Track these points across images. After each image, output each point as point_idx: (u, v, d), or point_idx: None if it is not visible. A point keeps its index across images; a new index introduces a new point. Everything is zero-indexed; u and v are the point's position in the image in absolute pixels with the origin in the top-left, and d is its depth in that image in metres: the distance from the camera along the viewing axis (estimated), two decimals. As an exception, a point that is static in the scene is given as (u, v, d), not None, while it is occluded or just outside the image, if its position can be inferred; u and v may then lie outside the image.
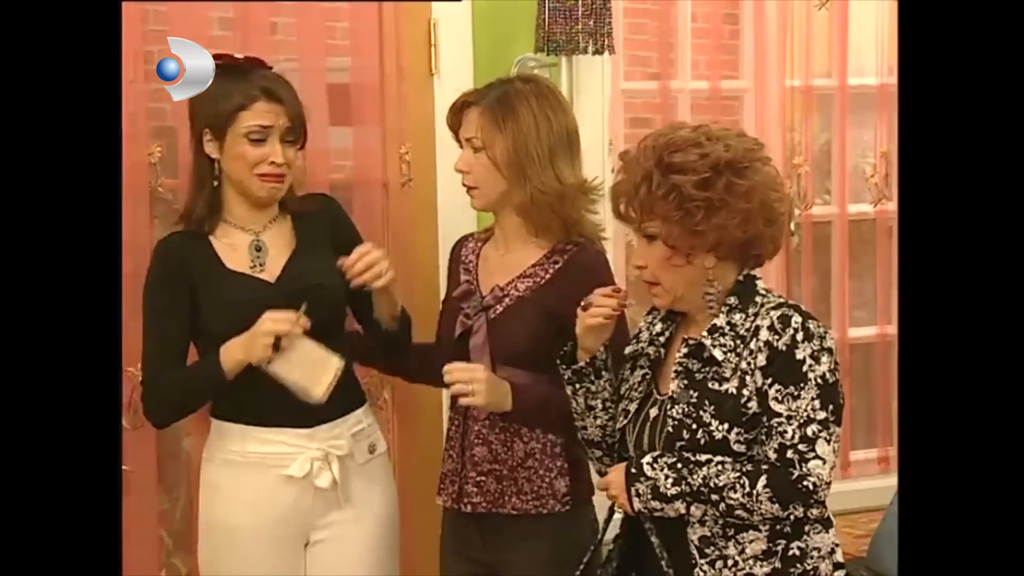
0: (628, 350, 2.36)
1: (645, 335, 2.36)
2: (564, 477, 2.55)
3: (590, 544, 2.55)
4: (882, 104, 3.82)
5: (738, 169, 2.18)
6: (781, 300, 2.24)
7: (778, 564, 2.18)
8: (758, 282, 2.26)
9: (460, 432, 2.60)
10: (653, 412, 2.27)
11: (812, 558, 2.19)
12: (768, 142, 3.62)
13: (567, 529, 2.56)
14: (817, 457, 2.12)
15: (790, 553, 2.18)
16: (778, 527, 2.17)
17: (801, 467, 2.11)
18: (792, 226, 3.71)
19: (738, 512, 2.14)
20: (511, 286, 2.59)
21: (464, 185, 2.61)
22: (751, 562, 2.18)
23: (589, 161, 3.33)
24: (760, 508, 2.13)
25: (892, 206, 3.87)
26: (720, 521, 2.18)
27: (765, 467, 2.13)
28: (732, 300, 2.23)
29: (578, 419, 2.38)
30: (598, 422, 2.36)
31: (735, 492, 2.13)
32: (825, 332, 2.17)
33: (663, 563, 2.23)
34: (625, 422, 2.32)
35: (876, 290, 3.93)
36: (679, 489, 2.15)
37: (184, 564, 3.19)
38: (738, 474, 2.13)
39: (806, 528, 2.19)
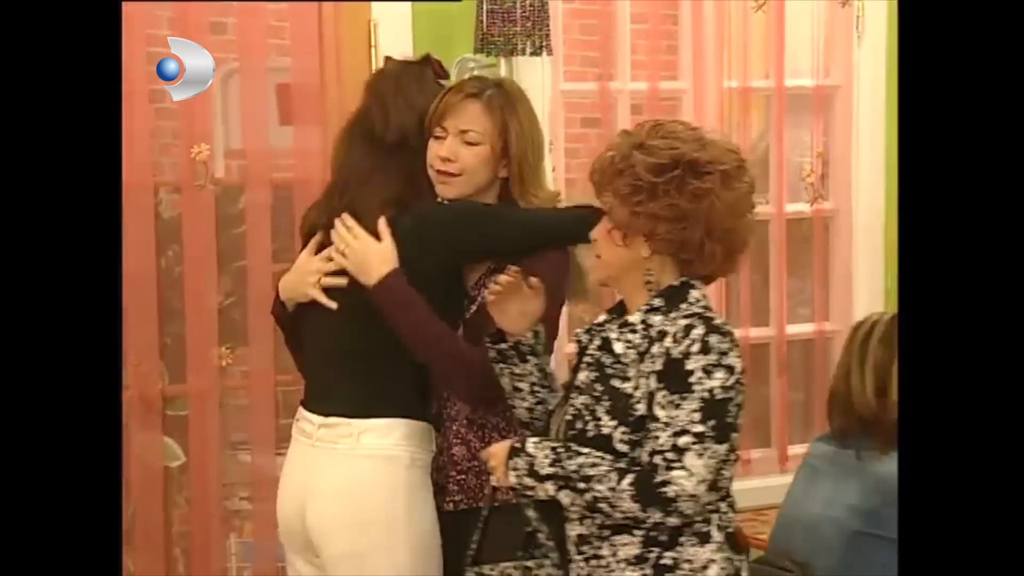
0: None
1: (587, 325, 2.40)
2: None
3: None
4: (818, 105, 3.88)
5: (697, 171, 2.20)
6: (701, 312, 2.22)
7: (649, 571, 2.18)
8: (693, 291, 2.25)
9: (438, 433, 2.62)
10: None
11: (683, 570, 2.18)
12: (706, 142, 3.71)
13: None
14: (684, 468, 2.11)
15: (662, 562, 2.18)
16: (652, 534, 2.18)
17: (665, 473, 2.12)
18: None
19: (601, 505, 2.16)
20: (480, 284, 2.59)
21: (439, 171, 2.56)
22: (622, 565, 2.19)
23: (530, 161, 3.40)
24: (620, 505, 2.14)
25: (828, 205, 3.94)
26: (599, 521, 2.20)
27: (637, 468, 2.15)
28: (657, 301, 2.24)
29: (508, 398, 2.42)
30: (525, 404, 2.40)
31: (601, 484, 2.14)
32: (729, 349, 2.17)
33: (542, 535, 2.27)
34: (553, 407, 2.37)
35: (814, 288, 3.99)
36: (552, 471, 2.18)
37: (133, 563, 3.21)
38: (609, 468, 2.15)
39: (681, 539, 2.18)
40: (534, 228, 2.57)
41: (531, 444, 2.23)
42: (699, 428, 2.12)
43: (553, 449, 2.21)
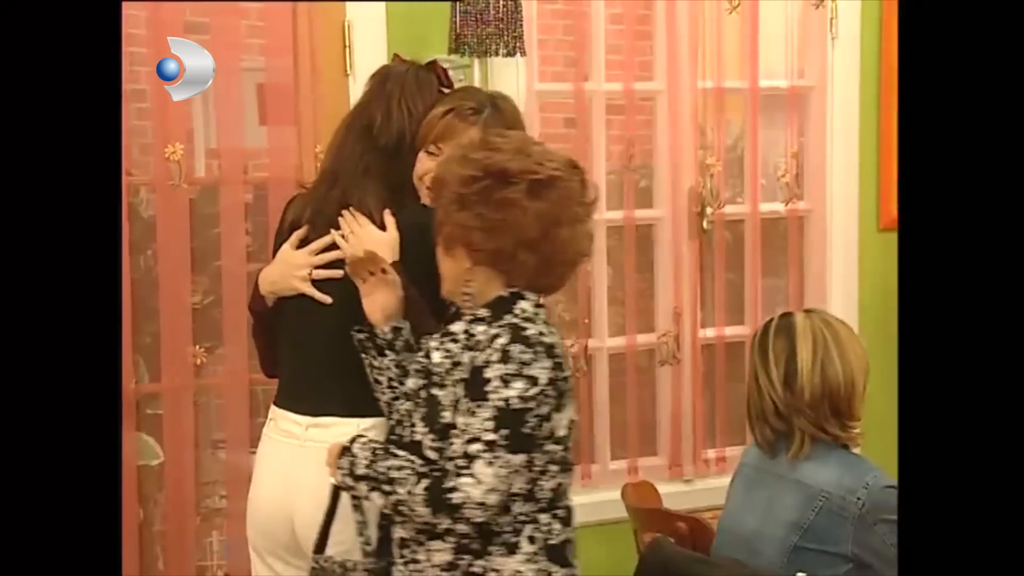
0: None
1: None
2: None
3: None
4: (792, 105, 3.90)
5: (504, 181, 2.20)
6: (517, 322, 2.20)
7: None
8: (522, 302, 2.25)
9: None
10: None
11: None
12: (681, 142, 3.74)
13: None
14: (472, 475, 2.13)
15: (472, 570, 2.21)
16: (464, 542, 2.20)
17: (453, 480, 2.14)
18: (705, 224, 3.80)
19: (401, 508, 2.19)
20: None
21: (429, 187, 2.48)
22: (436, 571, 2.23)
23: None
24: (415, 509, 2.17)
25: (803, 205, 3.96)
26: (416, 525, 2.22)
27: (436, 473, 2.17)
28: (482, 312, 2.25)
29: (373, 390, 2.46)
30: (384, 398, 2.42)
31: (401, 488, 2.17)
32: (534, 360, 2.15)
33: (361, 536, 2.32)
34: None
35: (789, 287, 4.02)
36: (366, 472, 2.21)
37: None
38: (410, 472, 2.18)
39: (490, 548, 2.20)
40: None
41: (357, 444, 2.27)
42: (491, 436, 2.14)
43: (373, 451, 2.24)
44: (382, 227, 2.54)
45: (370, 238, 2.51)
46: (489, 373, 2.15)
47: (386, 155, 2.59)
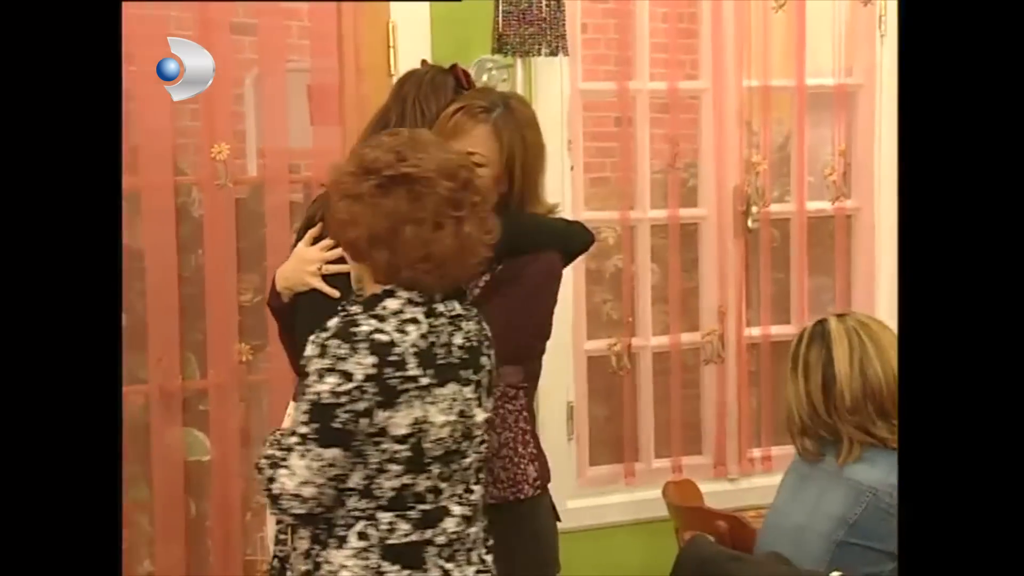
0: None
1: None
2: (534, 463, 2.63)
3: (552, 525, 2.73)
4: (840, 104, 3.88)
5: (364, 175, 2.20)
6: (354, 319, 2.19)
7: (312, 567, 2.24)
8: (390, 300, 2.22)
9: None
10: None
11: (323, 571, 2.22)
12: (726, 141, 3.74)
13: (534, 511, 2.66)
14: (287, 467, 2.17)
15: (317, 560, 2.24)
16: (316, 532, 2.24)
17: (271, 471, 2.18)
18: (750, 223, 3.79)
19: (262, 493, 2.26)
20: (472, 284, 2.61)
21: None
22: (300, 558, 2.28)
23: (550, 159, 3.41)
24: (263, 498, 2.25)
25: (851, 203, 3.94)
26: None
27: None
28: (354, 308, 2.24)
29: None
30: None
31: (260, 475, 2.23)
32: (348, 356, 2.14)
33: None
34: None
35: (836, 285, 4.00)
36: (260, 462, 2.25)
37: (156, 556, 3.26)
38: (267, 461, 2.21)
39: (324, 539, 2.23)
40: (521, 231, 2.59)
41: (276, 431, 2.33)
42: (304, 429, 2.16)
43: (271, 442, 2.27)
44: None
45: None
46: (308, 368, 2.17)
47: None
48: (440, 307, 2.25)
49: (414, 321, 2.21)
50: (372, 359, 2.15)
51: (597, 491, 3.67)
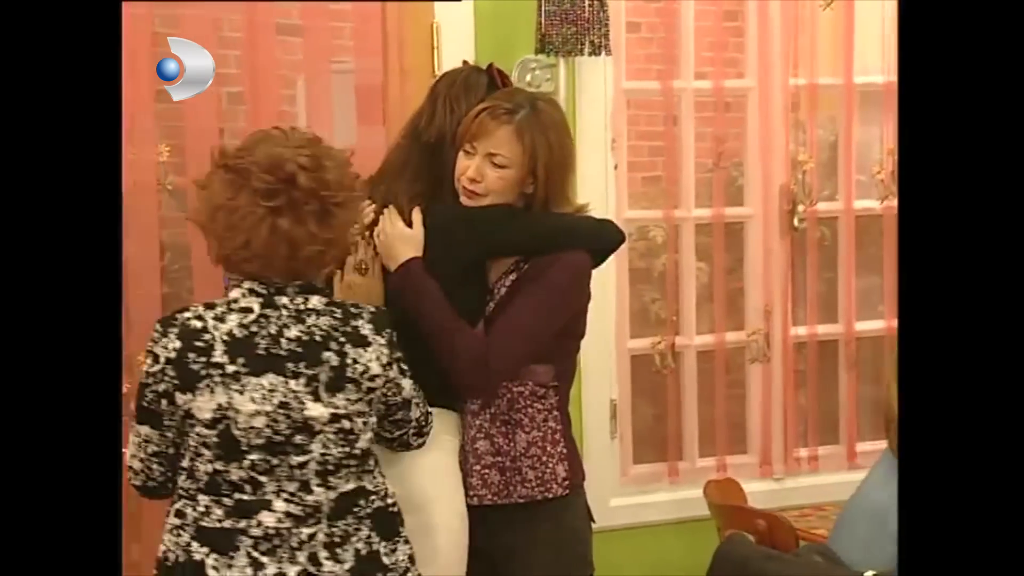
0: None
1: None
2: (563, 462, 2.64)
3: (585, 526, 2.72)
4: (888, 102, 3.85)
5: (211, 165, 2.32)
6: (194, 307, 2.30)
7: None
8: (236, 289, 2.32)
9: (462, 426, 2.66)
10: None
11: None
12: (772, 140, 3.73)
13: (566, 512, 2.66)
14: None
15: None
16: None
17: None
18: (796, 221, 3.78)
19: None
20: (500, 283, 2.66)
21: (466, 188, 2.61)
22: None
23: (591, 160, 3.45)
24: None
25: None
26: None
27: None
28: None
29: None
30: None
31: None
32: (160, 337, 2.26)
33: None
34: None
35: (884, 285, 3.97)
36: None
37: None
38: None
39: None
40: (546, 231, 2.63)
41: None
42: (133, 406, 2.34)
43: None
44: (411, 223, 2.62)
45: (394, 236, 2.60)
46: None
47: (427, 152, 2.67)
48: (283, 299, 2.30)
49: (244, 310, 2.29)
50: (177, 343, 2.26)
51: (640, 489, 3.68)
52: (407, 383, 2.41)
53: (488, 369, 2.52)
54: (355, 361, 2.30)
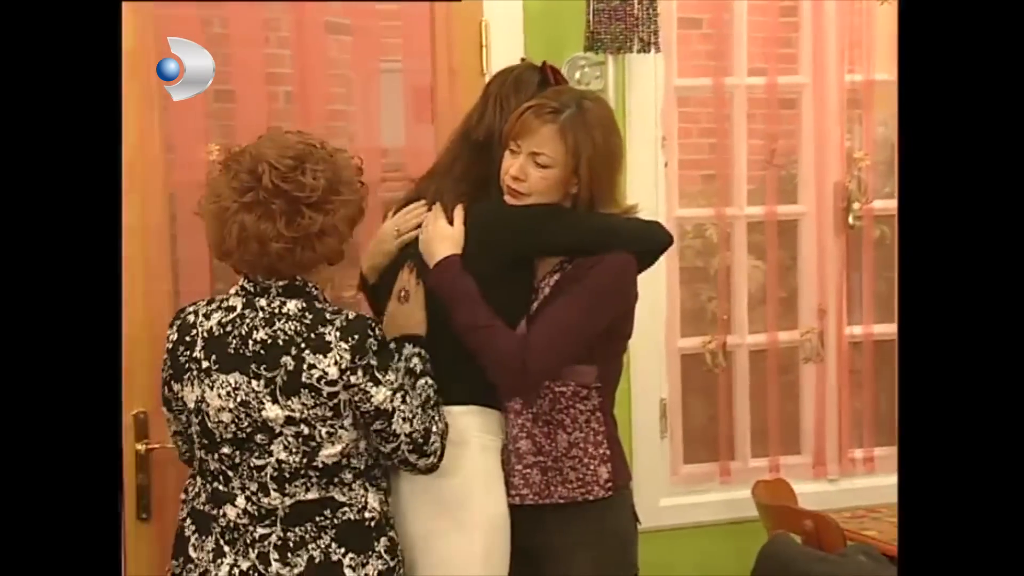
0: None
1: None
2: (606, 464, 2.62)
3: (630, 528, 2.70)
4: (946, 97, 3.78)
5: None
6: (205, 299, 2.50)
7: None
8: (234, 286, 2.46)
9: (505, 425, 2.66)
10: None
11: None
12: (827, 137, 3.68)
13: (608, 514, 2.64)
14: None
15: None
16: None
17: None
18: (851, 219, 3.73)
19: None
20: (544, 282, 2.65)
21: (510, 187, 2.60)
22: None
23: (641, 158, 3.43)
24: None
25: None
26: None
27: None
28: None
29: None
30: None
31: None
32: (169, 330, 2.47)
33: None
34: None
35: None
36: None
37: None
38: None
39: None
40: (589, 232, 2.61)
41: None
42: None
43: None
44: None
45: (435, 233, 2.61)
46: None
47: (476, 150, 2.67)
48: (261, 301, 2.40)
49: (229, 309, 2.44)
50: (174, 336, 2.48)
51: (691, 489, 3.64)
52: (381, 392, 2.38)
53: (525, 368, 2.51)
54: (311, 367, 2.34)
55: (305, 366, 2.34)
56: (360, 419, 2.40)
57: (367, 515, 2.41)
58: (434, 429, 2.46)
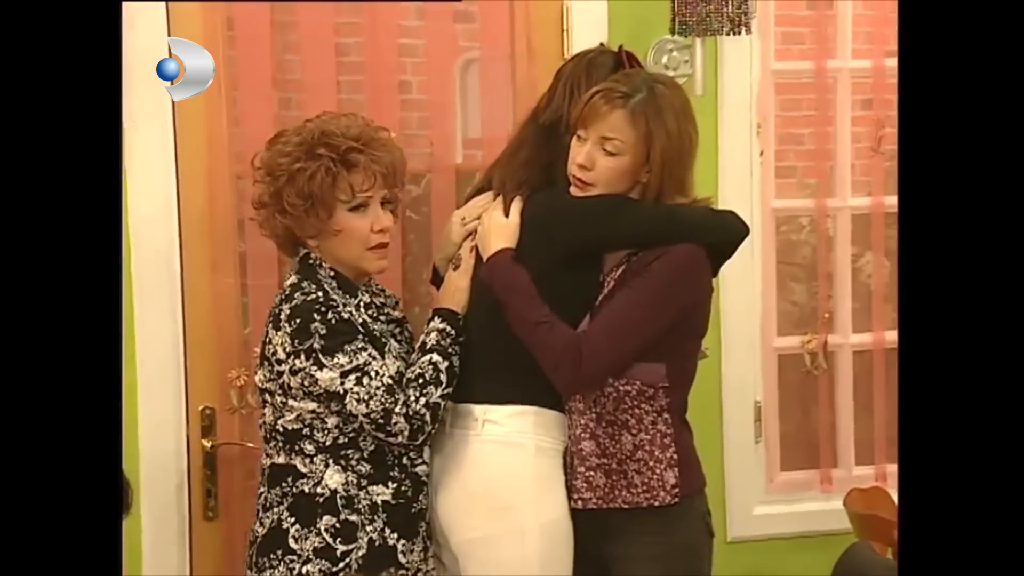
0: None
1: None
2: (673, 468, 2.48)
3: (701, 541, 2.54)
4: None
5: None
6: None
7: None
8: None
9: (568, 426, 2.53)
10: None
11: None
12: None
13: (677, 522, 2.50)
14: None
15: None
16: None
17: None
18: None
19: None
20: (609, 276, 2.51)
21: (575, 177, 2.48)
22: None
23: (733, 146, 3.25)
24: None
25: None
26: None
27: None
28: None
29: None
30: None
31: None
32: None
33: None
34: None
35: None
36: None
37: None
38: None
39: None
40: (651, 223, 2.46)
41: None
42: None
43: None
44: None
45: (491, 226, 2.52)
46: None
47: (543, 135, 2.57)
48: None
49: None
50: None
51: (788, 498, 3.43)
52: (327, 375, 2.39)
53: (580, 366, 2.38)
54: (270, 341, 2.45)
55: (267, 339, 2.46)
56: (313, 401, 2.42)
57: (319, 490, 2.43)
58: (396, 410, 2.40)
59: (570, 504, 2.50)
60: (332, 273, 2.50)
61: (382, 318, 2.59)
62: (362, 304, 2.52)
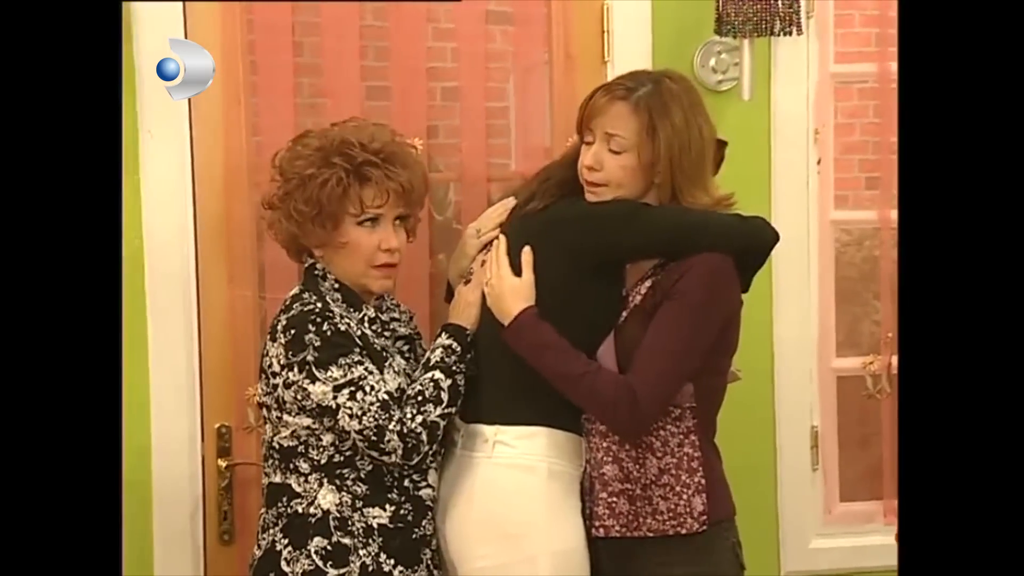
0: None
1: None
2: (701, 494, 2.33)
3: (730, 569, 2.40)
4: None
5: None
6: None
7: None
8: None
9: (587, 450, 2.40)
10: None
11: None
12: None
13: (705, 552, 2.35)
14: None
15: None
16: None
17: None
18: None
19: None
20: (635, 290, 2.36)
21: (586, 180, 2.37)
22: None
23: (788, 154, 3.07)
24: None
25: None
26: None
27: None
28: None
29: None
30: None
31: None
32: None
33: None
34: None
35: None
36: None
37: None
38: None
39: None
40: (671, 231, 2.33)
41: None
42: None
43: None
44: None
45: (502, 288, 2.39)
46: None
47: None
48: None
49: None
50: None
51: (848, 530, 3.23)
52: (319, 388, 2.29)
53: (637, 411, 2.27)
54: (267, 353, 2.37)
55: (265, 351, 2.39)
56: (307, 415, 2.34)
57: (311, 511, 2.34)
58: (390, 427, 2.28)
59: (592, 532, 2.36)
60: (336, 285, 2.41)
61: (387, 333, 2.46)
62: (366, 318, 2.41)
